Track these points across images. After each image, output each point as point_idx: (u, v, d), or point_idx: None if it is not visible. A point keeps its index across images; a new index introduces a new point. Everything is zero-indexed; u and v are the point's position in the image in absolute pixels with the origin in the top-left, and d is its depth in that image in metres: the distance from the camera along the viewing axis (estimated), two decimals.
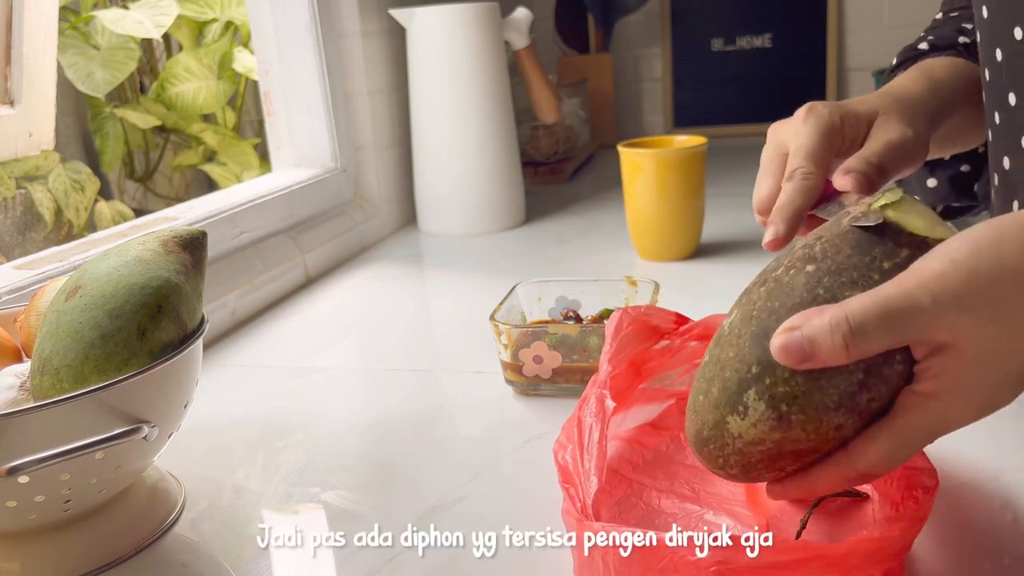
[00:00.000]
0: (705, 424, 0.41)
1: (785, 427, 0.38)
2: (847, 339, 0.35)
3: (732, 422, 0.39)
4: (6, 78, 1.05)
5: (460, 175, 1.16)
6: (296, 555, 0.50)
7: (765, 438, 0.38)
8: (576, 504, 0.43)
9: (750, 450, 0.39)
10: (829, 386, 0.37)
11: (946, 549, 0.45)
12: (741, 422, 0.39)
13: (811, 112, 0.51)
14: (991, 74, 0.52)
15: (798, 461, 0.39)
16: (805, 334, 0.36)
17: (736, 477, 0.42)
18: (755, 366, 0.38)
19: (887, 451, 0.37)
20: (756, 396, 0.38)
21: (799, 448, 0.38)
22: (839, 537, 0.45)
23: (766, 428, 0.38)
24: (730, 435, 0.39)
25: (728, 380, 0.39)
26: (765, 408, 0.38)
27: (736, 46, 1.74)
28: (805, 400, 0.37)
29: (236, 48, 1.55)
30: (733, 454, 0.40)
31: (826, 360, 0.36)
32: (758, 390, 0.38)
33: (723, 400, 0.39)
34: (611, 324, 0.54)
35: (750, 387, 0.38)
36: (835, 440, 0.38)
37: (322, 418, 0.67)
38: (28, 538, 0.48)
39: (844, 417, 0.37)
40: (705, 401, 0.41)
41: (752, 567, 0.35)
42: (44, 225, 1.41)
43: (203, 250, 0.53)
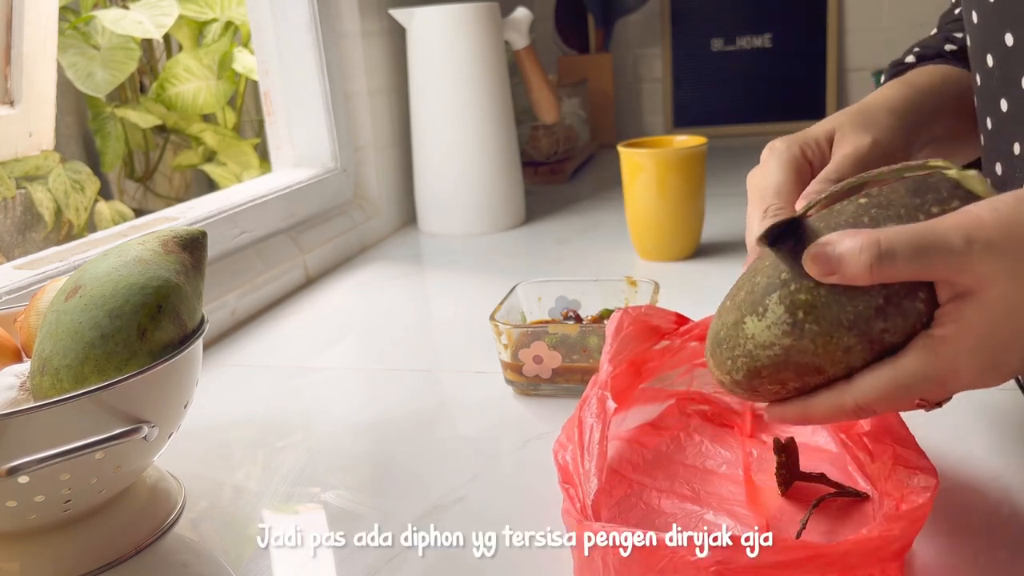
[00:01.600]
0: (724, 325, 0.42)
1: (797, 334, 0.39)
2: (873, 260, 0.36)
3: (749, 322, 0.41)
4: (6, 78, 1.05)
5: (460, 175, 1.16)
6: (296, 555, 0.50)
7: (776, 342, 0.40)
8: (576, 504, 0.43)
9: (759, 353, 0.40)
10: (848, 304, 0.38)
11: (946, 549, 0.45)
12: (758, 323, 0.40)
13: (771, 152, 0.52)
14: (982, 79, 0.52)
15: (801, 379, 0.40)
16: (836, 249, 0.37)
17: (740, 385, 0.42)
18: (785, 273, 0.40)
19: (887, 388, 0.38)
20: (778, 300, 0.39)
21: (805, 361, 0.39)
22: (839, 537, 0.45)
23: (779, 332, 0.39)
24: (744, 335, 0.41)
25: (756, 284, 0.41)
26: (783, 312, 0.39)
27: (736, 46, 1.74)
28: (822, 312, 0.38)
29: (236, 48, 1.55)
30: (742, 356, 0.41)
31: (849, 275, 0.37)
32: (781, 294, 0.39)
33: (747, 302, 0.41)
34: (611, 324, 0.54)
35: (775, 291, 0.40)
36: (841, 364, 0.39)
37: (322, 418, 0.67)
38: (28, 538, 0.48)
39: (855, 340, 0.38)
40: (730, 304, 0.43)
41: (752, 567, 0.35)
42: (44, 225, 1.41)
43: (203, 250, 0.53)
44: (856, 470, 0.50)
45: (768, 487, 0.50)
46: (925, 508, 0.39)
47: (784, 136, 0.52)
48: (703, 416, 0.58)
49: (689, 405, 0.58)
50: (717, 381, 0.44)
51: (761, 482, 0.51)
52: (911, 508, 0.38)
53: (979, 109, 0.54)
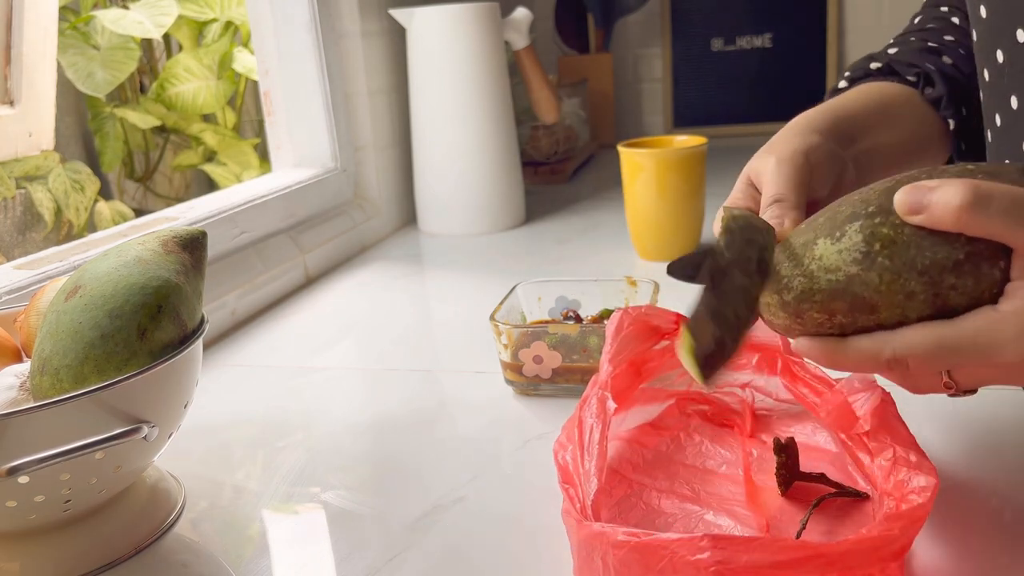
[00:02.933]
0: (791, 245, 0.42)
1: (867, 264, 0.38)
2: (965, 206, 0.36)
3: (821, 243, 0.40)
4: (6, 78, 1.05)
5: (460, 175, 1.16)
6: (296, 555, 0.50)
7: (842, 268, 0.39)
8: (576, 504, 0.43)
9: (820, 275, 0.40)
10: (927, 249, 0.37)
11: (946, 549, 0.45)
12: (830, 245, 0.40)
13: None
14: (991, 75, 0.52)
15: (850, 314, 0.39)
16: (931, 192, 0.37)
17: (785, 307, 0.41)
18: (873, 206, 0.39)
19: (932, 346, 0.37)
20: (859, 228, 0.39)
21: (863, 296, 0.39)
22: (839, 537, 0.45)
23: (849, 259, 0.39)
24: (812, 255, 0.40)
25: (839, 212, 0.40)
26: (861, 240, 0.39)
27: (736, 46, 1.74)
28: (899, 249, 0.38)
29: (236, 48, 1.55)
30: (801, 275, 0.40)
31: (936, 215, 0.36)
32: (864, 224, 0.39)
33: (824, 226, 0.41)
34: (611, 324, 0.54)
35: (858, 220, 0.39)
36: (896, 309, 0.38)
37: (322, 418, 0.67)
38: (28, 538, 0.48)
39: (921, 287, 0.37)
40: (804, 228, 0.42)
41: (752, 567, 0.35)
42: (44, 225, 1.41)
43: (203, 250, 0.53)
44: (856, 470, 0.50)
45: (768, 487, 0.50)
46: (925, 508, 0.39)
47: None
48: (703, 416, 0.58)
49: (689, 405, 0.58)
50: (763, 306, 0.43)
51: (761, 482, 0.51)
52: (911, 508, 0.38)
53: (986, 105, 0.54)
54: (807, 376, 0.53)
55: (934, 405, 0.60)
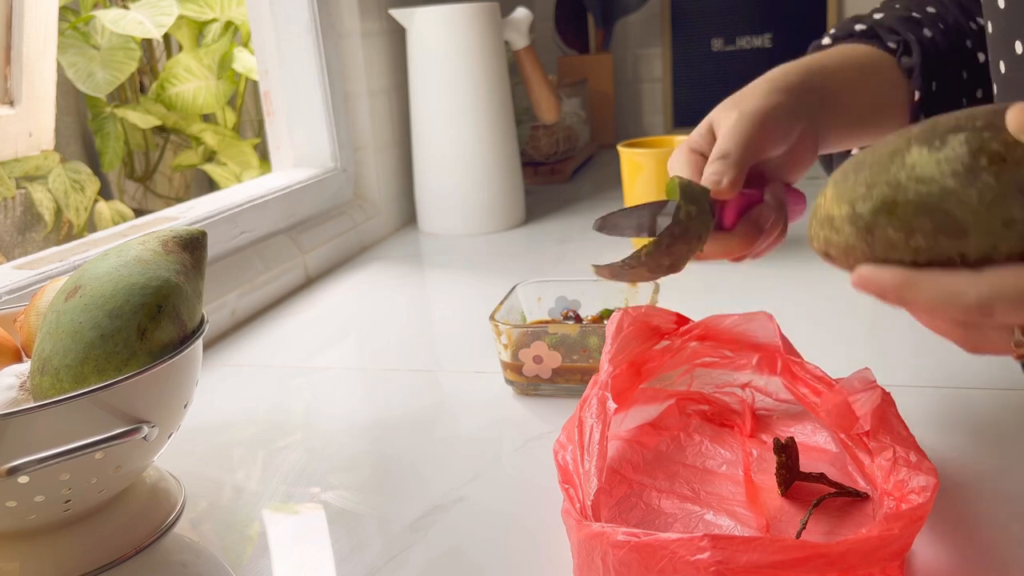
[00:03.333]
0: (876, 152, 0.37)
1: (968, 180, 0.33)
2: None
3: (915, 151, 0.35)
4: (6, 78, 1.05)
5: (460, 175, 1.16)
6: (296, 555, 0.50)
7: (937, 179, 0.34)
8: (575, 504, 0.43)
9: (910, 185, 0.35)
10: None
11: (946, 549, 0.45)
12: (927, 154, 0.35)
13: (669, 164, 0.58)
14: (1007, 67, 0.51)
15: (933, 237, 0.34)
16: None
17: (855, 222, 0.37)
18: (981, 121, 0.34)
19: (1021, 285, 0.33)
20: (964, 140, 0.34)
21: (956, 215, 0.34)
22: (839, 537, 0.45)
23: (948, 169, 0.34)
24: (902, 162, 0.35)
25: (940, 124, 0.35)
26: (965, 152, 0.34)
27: (736, 46, 1.74)
28: (1009, 168, 0.33)
29: (236, 48, 1.55)
30: (886, 184, 0.35)
31: None
32: (970, 136, 0.34)
33: (920, 135, 0.35)
34: (612, 324, 0.54)
35: (963, 131, 0.34)
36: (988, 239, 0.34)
37: (322, 418, 0.67)
38: (28, 538, 0.48)
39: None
40: (893, 137, 0.37)
41: (751, 567, 0.35)
42: (44, 225, 1.41)
43: (203, 250, 0.53)
44: (856, 470, 0.50)
45: (768, 487, 0.50)
46: (925, 508, 0.39)
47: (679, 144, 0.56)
48: (703, 416, 0.58)
49: (689, 405, 0.58)
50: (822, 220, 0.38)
51: (761, 482, 0.51)
52: (911, 508, 0.38)
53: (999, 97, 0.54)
54: (807, 376, 0.53)
55: (933, 405, 0.60)
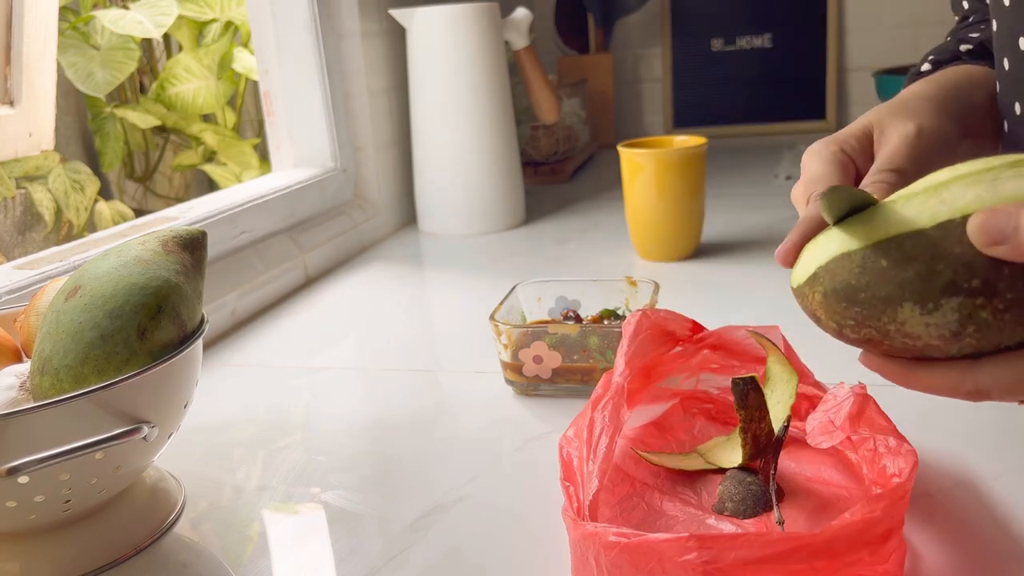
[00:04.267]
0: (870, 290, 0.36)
1: (952, 342, 0.35)
2: None
3: (907, 309, 0.35)
4: (6, 78, 1.05)
5: (460, 175, 1.16)
6: (296, 555, 0.50)
7: (923, 338, 0.36)
8: (573, 504, 0.43)
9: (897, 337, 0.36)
10: (1019, 335, 0.34)
11: (946, 549, 0.45)
12: (918, 316, 0.35)
13: (809, 155, 0.49)
14: (1011, 64, 0.51)
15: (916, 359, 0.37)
16: (1014, 217, 0.33)
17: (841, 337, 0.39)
18: (977, 280, 0.34)
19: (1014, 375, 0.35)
20: (956, 307, 0.34)
21: (933, 357, 0.36)
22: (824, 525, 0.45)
23: (935, 334, 0.35)
24: (892, 316, 0.36)
25: (937, 275, 0.34)
26: (955, 320, 0.35)
27: (736, 46, 1.74)
28: (990, 334, 0.35)
29: (236, 48, 1.55)
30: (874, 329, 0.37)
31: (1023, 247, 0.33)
32: (963, 303, 0.34)
33: (916, 288, 0.35)
34: (629, 325, 0.54)
35: (958, 296, 0.34)
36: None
37: (322, 418, 0.67)
38: (28, 538, 0.48)
39: None
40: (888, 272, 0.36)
41: (739, 563, 0.35)
42: (44, 225, 1.41)
43: (203, 250, 0.53)
44: (846, 469, 0.50)
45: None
46: (905, 487, 0.39)
47: (819, 140, 0.50)
48: (707, 415, 0.58)
49: (693, 405, 0.58)
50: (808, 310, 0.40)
51: None
52: (891, 488, 0.38)
53: (1003, 94, 0.53)
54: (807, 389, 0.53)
55: (933, 405, 0.60)
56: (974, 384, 0.36)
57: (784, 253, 0.42)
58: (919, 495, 0.49)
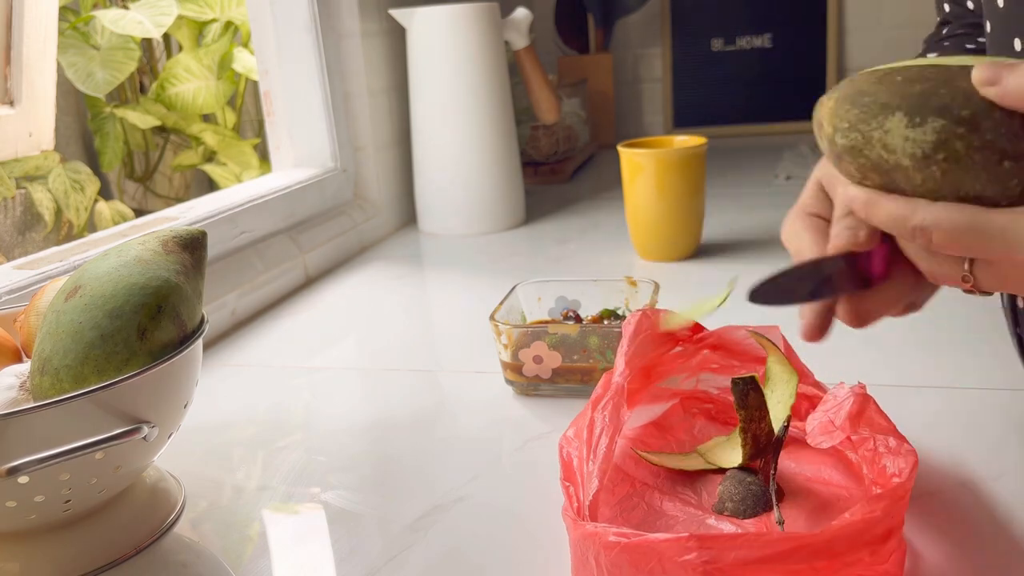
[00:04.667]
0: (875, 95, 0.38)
1: (919, 166, 0.37)
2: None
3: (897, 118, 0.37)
4: (6, 78, 1.05)
5: (460, 175, 1.16)
6: (296, 555, 0.50)
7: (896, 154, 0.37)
8: (573, 504, 0.43)
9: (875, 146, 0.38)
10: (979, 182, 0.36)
11: (947, 550, 0.45)
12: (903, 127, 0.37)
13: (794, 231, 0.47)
14: None
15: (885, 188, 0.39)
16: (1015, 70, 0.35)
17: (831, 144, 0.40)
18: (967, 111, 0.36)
19: (961, 222, 0.36)
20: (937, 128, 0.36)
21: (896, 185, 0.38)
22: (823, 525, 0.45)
23: (909, 150, 0.37)
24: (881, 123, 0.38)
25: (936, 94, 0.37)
26: (931, 141, 0.36)
27: (736, 46, 1.74)
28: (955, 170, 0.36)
29: (236, 48, 1.55)
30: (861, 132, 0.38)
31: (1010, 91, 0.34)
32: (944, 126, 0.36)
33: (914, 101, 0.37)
34: (629, 325, 0.54)
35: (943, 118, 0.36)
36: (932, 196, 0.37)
37: (322, 418, 0.67)
38: (28, 538, 0.48)
39: None
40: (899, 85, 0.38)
41: (739, 563, 0.35)
42: (44, 225, 1.41)
43: (203, 250, 0.53)
44: (846, 469, 0.50)
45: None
46: (905, 486, 0.39)
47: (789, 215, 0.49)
48: (707, 415, 0.58)
49: (693, 404, 0.58)
50: (817, 120, 0.41)
51: None
52: (891, 488, 0.38)
53: None
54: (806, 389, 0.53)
55: (933, 405, 0.60)
56: (920, 219, 0.37)
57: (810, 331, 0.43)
58: (919, 495, 0.49)
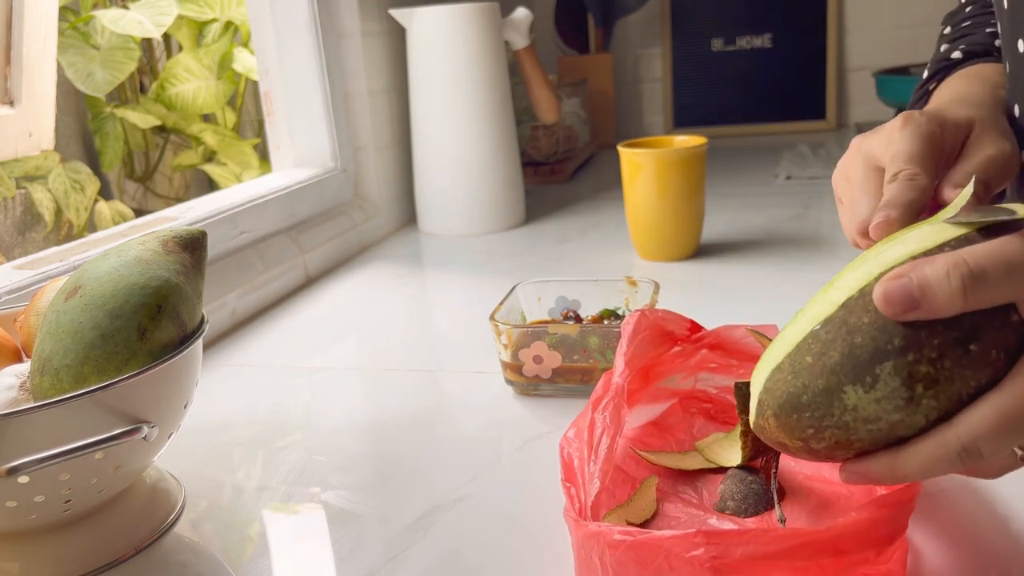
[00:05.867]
0: (807, 388, 0.37)
1: (911, 410, 0.35)
2: (965, 281, 0.32)
3: (851, 392, 0.35)
4: (6, 78, 1.05)
5: (460, 175, 1.16)
6: (296, 555, 0.50)
7: (883, 417, 0.35)
8: (575, 504, 0.43)
9: (858, 427, 0.36)
10: (971, 378, 0.34)
11: (948, 549, 0.45)
12: (863, 395, 0.35)
13: (908, 120, 0.46)
14: (1011, 66, 0.52)
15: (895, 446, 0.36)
16: (915, 279, 0.33)
17: (814, 453, 0.38)
18: (898, 339, 0.34)
19: (996, 417, 0.33)
20: (892, 371, 0.34)
21: (907, 435, 0.35)
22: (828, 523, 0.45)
23: (890, 407, 0.35)
24: (841, 407, 0.36)
25: (858, 347, 0.35)
26: (899, 385, 0.34)
27: (736, 46, 1.74)
28: (944, 387, 0.34)
29: (236, 48, 1.55)
30: (833, 427, 0.36)
31: (940, 307, 0.33)
32: (897, 364, 0.34)
33: (845, 367, 0.35)
34: (628, 325, 0.54)
35: (887, 359, 0.34)
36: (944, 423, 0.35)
37: (322, 418, 0.67)
38: (28, 538, 0.48)
39: None
40: (816, 365, 0.37)
41: (747, 559, 0.35)
42: (44, 225, 1.41)
43: (203, 250, 0.53)
44: None
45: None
46: (913, 489, 0.39)
47: (920, 111, 0.47)
48: (706, 415, 0.58)
49: (692, 404, 0.58)
50: (773, 440, 0.39)
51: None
52: (899, 490, 0.38)
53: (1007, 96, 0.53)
54: None
55: None
56: (958, 441, 0.34)
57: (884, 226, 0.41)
58: (921, 494, 0.49)
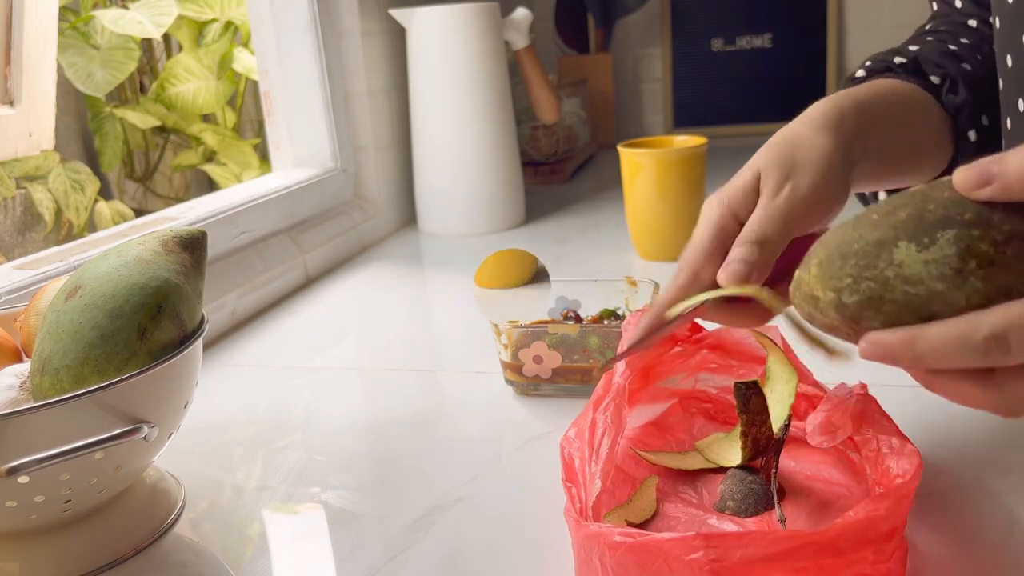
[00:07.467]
0: (861, 238, 0.35)
1: (955, 284, 0.33)
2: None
3: (904, 248, 0.34)
4: (6, 78, 1.05)
5: (460, 175, 1.16)
6: (296, 555, 0.50)
7: (925, 282, 0.33)
8: (576, 504, 0.43)
9: (896, 285, 0.34)
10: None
11: (948, 549, 0.45)
12: (915, 253, 0.33)
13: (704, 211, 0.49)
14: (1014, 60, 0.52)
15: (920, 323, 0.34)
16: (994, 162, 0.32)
17: (840, 309, 0.36)
18: (970, 214, 0.33)
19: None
20: (952, 238, 0.33)
21: (937, 314, 0.33)
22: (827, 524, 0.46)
23: (936, 272, 0.33)
24: (889, 260, 0.34)
25: (927, 211, 0.34)
26: (953, 254, 0.33)
27: (736, 46, 1.74)
28: (996, 272, 0.32)
29: (236, 48, 1.55)
30: (872, 279, 0.34)
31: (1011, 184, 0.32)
32: (959, 234, 0.33)
33: (908, 225, 0.34)
34: (628, 325, 0.54)
35: (952, 227, 0.33)
36: None
37: (322, 418, 0.67)
38: (28, 538, 0.48)
39: None
40: (878, 219, 0.35)
41: (746, 561, 0.35)
42: (44, 225, 1.41)
43: (203, 250, 0.53)
44: (847, 469, 0.50)
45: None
46: (910, 486, 0.39)
47: (719, 190, 0.49)
48: (706, 415, 0.58)
49: (692, 404, 0.58)
50: (806, 295, 0.37)
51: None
52: (895, 487, 0.39)
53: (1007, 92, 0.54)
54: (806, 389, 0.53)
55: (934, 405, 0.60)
56: (989, 328, 0.32)
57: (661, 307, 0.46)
58: (920, 494, 0.49)
